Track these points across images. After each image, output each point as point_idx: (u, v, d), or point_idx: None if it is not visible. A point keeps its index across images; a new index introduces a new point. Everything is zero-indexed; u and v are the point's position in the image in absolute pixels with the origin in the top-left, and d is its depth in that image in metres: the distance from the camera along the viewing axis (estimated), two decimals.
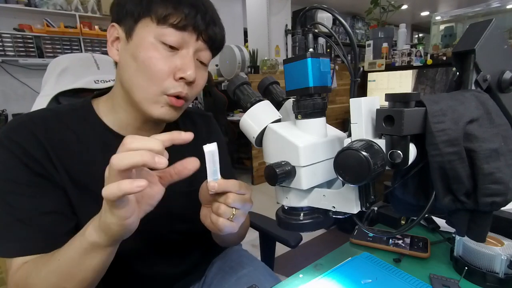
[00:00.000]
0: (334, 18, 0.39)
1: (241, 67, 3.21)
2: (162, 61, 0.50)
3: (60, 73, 0.82)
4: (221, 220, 0.44)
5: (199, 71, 0.55)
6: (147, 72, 0.50)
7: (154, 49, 0.50)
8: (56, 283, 0.44)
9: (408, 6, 5.43)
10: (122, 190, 0.34)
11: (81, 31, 3.01)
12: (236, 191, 0.44)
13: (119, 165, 0.34)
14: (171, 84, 0.51)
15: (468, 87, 0.39)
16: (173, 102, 0.52)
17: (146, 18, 0.50)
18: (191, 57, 0.52)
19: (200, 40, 0.52)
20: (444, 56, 2.38)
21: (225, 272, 0.72)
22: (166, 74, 0.51)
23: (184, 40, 0.51)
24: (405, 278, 0.57)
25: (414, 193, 0.40)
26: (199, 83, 0.56)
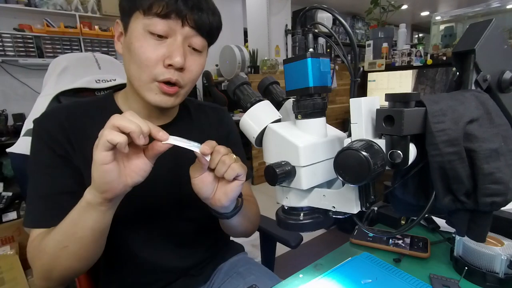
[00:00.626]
0: (334, 18, 0.39)
1: (241, 67, 3.21)
2: (150, 50, 0.53)
3: (60, 73, 0.82)
4: (234, 165, 0.48)
5: (191, 58, 0.56)
6: (137, 61, 0.54)
7: (143, 39, 0.53)
8: (60, 241, 0.49)
9: (408, 6, 5.43)
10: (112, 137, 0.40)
11: (81, 31, 3.01)
12: (221, 150, 0.48)
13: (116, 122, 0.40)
14: (161, 71, 0.53)
15: (468, 87, 0.39)
16: (164, 88, 0.55)
17: (136, 11, 0.53)
18: (178, 44, 0.53)
19: (187, 26, 0.53)
20: (444, 56, 2.38)
21: (233, 277, 0.73)
22: (155, 61, 0.53)
23: (170, 27, 0.52)
24: (405, 278, 0.57)
25: (414, 193, 0.40)
26: (192, 70, 0.57)
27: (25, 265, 1.42)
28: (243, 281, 0.71)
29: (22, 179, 0.74)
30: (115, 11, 3.12)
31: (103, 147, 0.40)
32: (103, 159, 0.41)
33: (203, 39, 0.56)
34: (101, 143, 0.40)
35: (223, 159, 0.48)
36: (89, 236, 0.48)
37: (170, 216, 0.66)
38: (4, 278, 1.22)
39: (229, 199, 0.51)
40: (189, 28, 0.53)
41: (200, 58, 0.58)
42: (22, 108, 2.78)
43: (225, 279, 0.73)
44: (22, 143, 0.74)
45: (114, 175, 0.43)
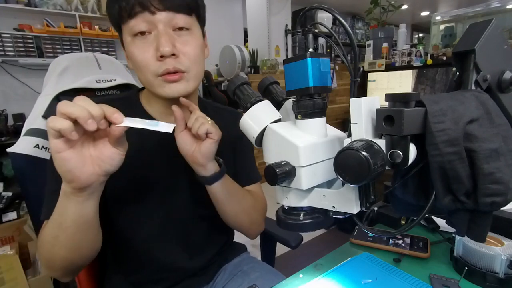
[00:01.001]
0: (334, 18, 0.39)
1: (241, 67, 3.21)
2: (140, 51, 0.55)
3: (61, 73, 0.82)
4: (207, 124, 0.54)
5: (181, 39, 0.56)
6: (137, 65, 0.56)
7: (132, 44, 0.55)
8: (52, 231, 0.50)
9: (408, 6, 5.42)
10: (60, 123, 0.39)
11: (81, 31, 3.01)
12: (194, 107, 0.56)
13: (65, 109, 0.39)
14: (157, 65, 0.55)
15: (468, 87, 0.39)
16: (167, 78, 0.56)
17: (120, 24, 0.56)
18: (161, 33, 0.53)
19: (157, 11, 0.53)
20: (444, 56, 2.38)
21: (237, 276, 0.74)
22: (148, 59, 0.55)
23: (146, 21, 0.53)
24: (405, 278, 0.57)
25: (414, 193, 0.40)
26: (186, 51, 0.56)
27: (25, 265, 1.42)
28: (248, 279, 0.71)
29: (22, 179, 0.74)
30: None
31: (51, 135, 0.40)
32: (54, 147, 0.41)
33: (183, 16, 0.55)
34: (48, 132, 0.40)
35: (198, 118, 0.54)
36: (73, 227, 0.48)
37: (184, 214, 0.67)
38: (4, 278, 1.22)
39: (203, 156, 0.56)
40: (161, 12, 0.53)
41: (191, 37, 0.57)
42: (22, 108, 2.78)
43: (229, 278, 0.74)
44: (22, 143, 0.74)
45: (74, 164, 0.42)
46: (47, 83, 0.83)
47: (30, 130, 0.76)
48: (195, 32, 0.58)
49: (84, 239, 0.52)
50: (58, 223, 0.49)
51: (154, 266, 0.67)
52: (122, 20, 0.54)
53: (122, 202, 0.62)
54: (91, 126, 0.40)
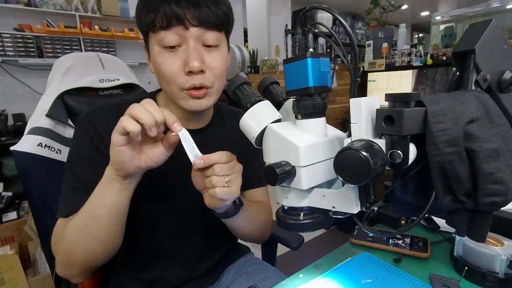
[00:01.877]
0: (334, 18, 0.39)
1: (241, 67, 3.20)
2: (169, 63, 0.55)
3: (65, 72, 0.83)
4: (218, 189, 0.50)
5: (209, 55, 0.56)
6: (162, 76, 0.57)
7: (160, 55, 0.55)
8: (81, 221, 0.52)
9: (408, 6, 5.42)
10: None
11: (81, 31, 3.01)
12: (221, 160, 0.50)
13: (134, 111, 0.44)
14: (184, 80, 0.55)
15: (468, 87, 0.39)
16: (193, 94, 0.56)
17: (149, 32, 0.56)
18: (191, 49, 0.54)
19: (191, 26, 0.53)
20: (444, 56, 2.38)
21: (242, 277, 0.74)
22: (176, 73, 0.55)
23: (177, 36, 0.53)
24: (405, 278, 0.57)
25: (414, 193, 0.40)
26: (214, 67, 0.57)
27: (25, 265, 1.42)
28: (252, 281, 0.71)
29: (25, 177, 0.74)
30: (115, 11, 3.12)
31: (118, 131, 0.45)
32: (117, 141, 0.45)
33: (214, 33, 0.55)
34: (117, 128, 0.45)
35: (211, 179, 0.50)
36: (106, 215, 0.51)
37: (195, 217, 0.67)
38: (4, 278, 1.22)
39: (210, 205, 0.54)
40: (194, 28, 0.53)
41: (219, 53, 0.58)
42: (22, 108, 2.77)
43: (234, 279, 0.74)
44: (26, 141, 0.74)
45: (127, 157, 0.47)
46: (51, 82, 0.83)
47: (33, 129, 0.76)
48: (222, 47, 0.59)
49: (113, 230, 0.54)
50: (89, 212, 0.51)
51: (164, 266, 0.68)
52: (154, 29, 0.54)
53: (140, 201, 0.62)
54: (153, 133, 0.45)
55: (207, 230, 0.70)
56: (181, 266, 0.68)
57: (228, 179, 0.51)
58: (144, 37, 0.59)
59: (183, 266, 0.69)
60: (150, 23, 0.53)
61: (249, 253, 0.84)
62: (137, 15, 0.57)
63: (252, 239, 0.74)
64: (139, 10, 0.56)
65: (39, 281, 1.38)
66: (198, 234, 0.69)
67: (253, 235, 0.72)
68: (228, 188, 0.51)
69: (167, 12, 0.51)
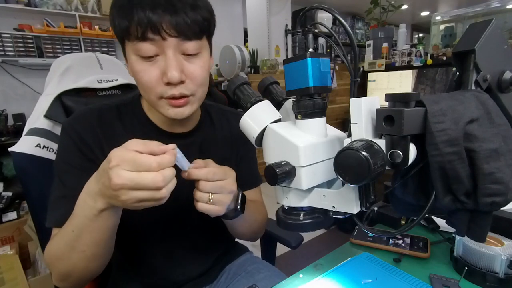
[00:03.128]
0: (334, 18, 0.39)
1: (241, 67, 3.21)
2: (147, 73, 0.52)
3: (63, 73, 0.83)
4: (199, 204, 0.51)
5: (189, 65, 0.53)
6: (140, 85, 0.54)
7: (138, 64, 0.52)
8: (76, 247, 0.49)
9: (408, 6, 5.42)
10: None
11: (81, 31, 3.01)
12: (207, 178, 0.49)
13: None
14: (163, 89, 0.53)
15: (468, 87, 0.39)
16: (173, 103, 0.54)
17: (124, 38, 0.52)
18: (170, 59, 0.50)
19: (169, 37, 0.49)
20: (444, 56, 2.38)
21: (242, 276, 0.74)
22: (154, 82, 0.52)
23: (155, 46, 0.50)
24: (405, 278, 0.57)
25: (414, 193, 0.40)
26: (195, 76, 0.54)
27: (25, 265, 1.42)
28: (252, 280, 0.71)
29: (24, 178, 0.74)
30: None
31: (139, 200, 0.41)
32: (136, 206, 0.42)
33: (194, 42, 0.52)
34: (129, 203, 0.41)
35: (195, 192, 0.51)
36: (106, 238, 0.50)
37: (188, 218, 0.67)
38: (4, 278, 1.21)
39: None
40: (173, 38, 0.49)
41: (200, 60, 0.54)
42: (22, 108, 2.78)
43: (234, 278, 0.74)
44: (24, 142, 0.74)
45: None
46: (49, 83, 0.83)
47: (31, 130, 0.76)
48: (204, 54, 0.55)
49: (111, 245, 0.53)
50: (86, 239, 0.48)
51: (160, 270, 0.67)
52: (129, 38, 0.50)
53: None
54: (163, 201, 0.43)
55: (200, 233, 0.70)
56: (176, 268, 0.68)
57: (212, 197, 0.50)
58: (121, 43, 0.55)
59: (179, 268, 0.68)
60: (125, 31, 0.50)
61: (248, 252, 0.84)
62: (111, 19, 0.53)
63: (247, 238, 0.74)
64: (112, 14, 0.52)
65: (39, 281, 1.38)
66: (192, 236, 0.69)
67: (248, 234, 0.72)
68: (210, 205, 0.50)
69: (141, 20, 0.47)
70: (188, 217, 0.66)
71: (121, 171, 0.39)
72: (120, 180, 0.39)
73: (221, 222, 0.68)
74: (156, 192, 0.40)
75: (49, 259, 0.53)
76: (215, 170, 0.51)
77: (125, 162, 0.39)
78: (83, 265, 0.51)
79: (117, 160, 0.39)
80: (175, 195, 0.64)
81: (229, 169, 0.54)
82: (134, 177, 0.39)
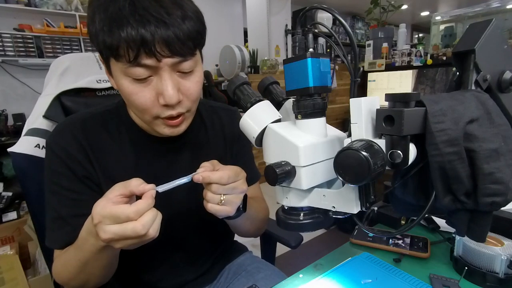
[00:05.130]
0: (334, 18, 0.39)
1: (241, 67, 3.21)
2: (141, 95, 0.49)
3: (62, 73, 0.82)
4: (209, 205, 0.50)
5: (185, 82, 0.51)
6: (132, 106, 0.51)
7: (130, 85, 0.48)
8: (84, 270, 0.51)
9: (408, 6, 5.42)
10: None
11: (81, 31, 3.01)
12: (220, 182, 0.48)
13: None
14: (160, 110, 0.50)
15: (468, 87, 0.39)
16: (170, 123, 0.53)
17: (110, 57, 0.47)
18: (165, 80, 0.47)
19: (163, 57, 0.45)
20: (444, 56, 2.38)
21: (241, 276, 0.74)
22: (150, 104, 0.49)
23: (149, 69, 0.46)
24: (405, 278, 0.57)
25: (414, 193, 0.40)
26: (190, 93, 0.52)
27: (25, 265, 1.42)
28: (252, 280, 0.71)
29: (23, 178, 0.74)
30: None
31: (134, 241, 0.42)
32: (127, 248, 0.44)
33: (189, 61, 0.49)
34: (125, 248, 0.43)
35: (206, 194, 0.50)
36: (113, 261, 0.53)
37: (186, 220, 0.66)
38: (4, 278, 1.21)
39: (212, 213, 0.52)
40: (167, 58, 0.46)
41: (194, 77, 0.52)
42: (22, 108, 2.78)
43: (234, 278, 0.74)
44: (23, 142, 0.74)
45: None
46: (48, 83, 0.83)
47: (31, 130, 0.76)
48: (198, 69, 0.53)
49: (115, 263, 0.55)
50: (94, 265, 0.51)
51: (158, 274, 0.67)
52: (118, 59, 0.45)
53: None
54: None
55: (200, 234, 0.69)
56: (174, 271, 0.68)
57: (223, 199, 0.49)
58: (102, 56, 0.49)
59: (177, 271, 0.68)
60: (114, 51, 0.44)
61: (248, 252, 0.84)
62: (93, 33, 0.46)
63: (250, 235, 0.73)
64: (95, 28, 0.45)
65: (39, 281, 1.38)
66: (191, 239, 0.68)
67: (252, 231, 0.71)
68: (221, 206, 0.49)
69: (133, 38, 0.42)
70: (187, 219, 0.66)
71: (104, 227, 0.41)
72: (106, 235, 0.40)
73: (220, 222, 0.68)
74: (143, 237, 0.41)
75: (60, 279, 0.55)
76: (229, 173, 0.49)
77: (105, 218, 0.41)
78: (96, 281, 0.54)
79: (98, 217, 0.41)
80: (174, 199, 0.63)
81: (240, 169, 0.52)
82: (117, 230, 0.40)
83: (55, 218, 0.55)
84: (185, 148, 0.65)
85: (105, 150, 0.59)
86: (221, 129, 0.72)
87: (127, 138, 0.61)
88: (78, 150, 0.56)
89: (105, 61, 0.50)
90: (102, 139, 0.59)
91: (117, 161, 0.59)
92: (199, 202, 0.65)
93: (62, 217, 0.55)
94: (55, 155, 0.56)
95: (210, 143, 0.69)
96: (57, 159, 0.56)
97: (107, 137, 0.60)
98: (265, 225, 0.76)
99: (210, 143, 0.69)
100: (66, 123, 0.59)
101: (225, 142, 0.71)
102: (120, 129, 0.61)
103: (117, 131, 0.61)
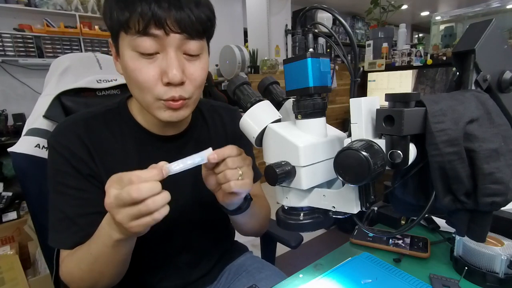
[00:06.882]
0: (334, 18, 0.39)
1: (241, 67, 3.21)
2: (144, 72, 0.49)
3: (62, 73, 0.82)
4: (232, 183, 0.47)
5: (190, 65, 0.51)
6: (136, 84, 0.51)
7: (135, 61, 0.49)
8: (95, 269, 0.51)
9: (408, 6, 5.42)
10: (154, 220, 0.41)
11: (81, 31, 3.01)
12: (232, 154, 0.48)
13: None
14: (162, 90, 0.50)
15: (468, 87, 0.39)
16: (171, 105, 0.52)
17: (120, 31, 0.49)
18: (171, 58, 0.48)
19: (172, 32, 0.47)
20: (444, 56, 2.38)
21: (242, 276, 0.74)
22: (153, 82, 0.50)
23: (156, 42, 0.48)
24: (405, 278, 0.57)
25: (414, 193, 0.40)
26: (194, 78, 0.52)
27: (25, 265, 1.42)
28: (253, 280, 0.71)
29: (23, 178, 0.74)
30: None
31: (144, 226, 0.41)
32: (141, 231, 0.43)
33: (196, 41, 0.50)
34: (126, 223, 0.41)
35: (226, 173, 0.47)
36: (125, 260, 0.53)
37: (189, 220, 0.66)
38: (4, 278, 1.21)
39: (225, 203, 0.53)
40: (176, 34, 0.47)
41: (200, 62, 0.53)
42: (22, 108, 2.78)
43: (234, 278, 0.74)
44: (23, 142, 0.74)
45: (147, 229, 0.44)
46: (48, 83, 0.83)
47: (31, 130, 0.76)
48: (204, 56, 0.54)
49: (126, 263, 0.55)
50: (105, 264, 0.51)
51: (159, 277, 0.67)
52: (127, 31, 0.47)
53: None
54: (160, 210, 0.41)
55: (201, 235, 0.69)
56: (175, 273, 0.68)
57: (241, 172, 0.48)
58: (112, 34, 0.52)
59: (178, 273, 0.68)
60: (124, 23, 0.46)
61: (248, 252, 0.84)
62: (107, 10, 0.49)
63: (254, 233, 0.73)
64: (109, 5, 0.48)
65: (39, 281, 1.38)
66: (193, 239, 0.69)
67: (255, 228, 0.71)
68: (242, 181, 0.48)
69: (145, 12, 0.45)
70: (189, 219, 0.66)
71: (109, 191, 0.40)
72: (108, 199, 0.40)
73: (221, 222, 0.68)
74: (140, 205, 0.39)
75: (71, 279, 0.54)
76: (232, 146, 0.49)
77: (114, 182, 0.41)
78: (106, 281, 0.54)
79: (109, 182, 0.41)
80: (176, 198, 0.64)
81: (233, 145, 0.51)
82: (117, 193, 0.39)
83: (61, 219, 0.55)
84: (187, 145, 0.66)
85: (108, 149, 0.59)
86: (223, 127, 0.72)
87: (129, 137, 0.61)
88: (81, 149, 0.56)
89: (114, 41, 0.52)
90: (105, 138, 0.59)
91: (120, 160, 0.59)
92: (202, 202, 0.66)
93: (69, 217, 0.54)
94: (58, 154, 0.55)
95: (212, 140, 0.69)
96: (61, 158, 0.55)
97: (110, 136, 0.60)
98: (267, 222, 0.76)
99: (212, 140, 0.69)
100: (67, 123, 0.59)
101: (226, 140, 0.71)
102: (123, 128, 0.61)
103: (119, 130, 0.61)
